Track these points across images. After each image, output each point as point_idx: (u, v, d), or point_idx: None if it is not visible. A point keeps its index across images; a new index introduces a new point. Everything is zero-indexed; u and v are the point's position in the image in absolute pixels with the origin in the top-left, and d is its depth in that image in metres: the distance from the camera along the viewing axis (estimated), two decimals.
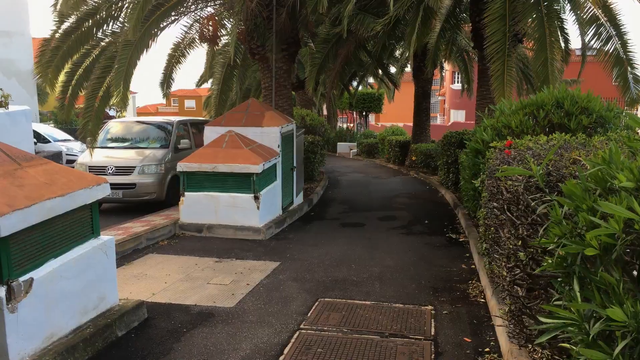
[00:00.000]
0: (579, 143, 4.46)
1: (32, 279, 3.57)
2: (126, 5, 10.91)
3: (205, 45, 14.47)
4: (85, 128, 10.56)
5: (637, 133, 4.01)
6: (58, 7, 10.55)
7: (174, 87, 14.81)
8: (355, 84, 26.42)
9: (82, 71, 11.29)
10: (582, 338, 1.92)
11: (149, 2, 9.16)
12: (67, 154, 15.77)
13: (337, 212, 10.49)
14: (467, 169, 7.72)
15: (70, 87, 11.32)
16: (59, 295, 3.86)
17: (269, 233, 8.31)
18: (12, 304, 3.37)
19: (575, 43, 56.74)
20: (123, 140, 11.36)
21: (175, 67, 13.86)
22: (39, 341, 3.64)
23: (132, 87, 10.85)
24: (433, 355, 4.08)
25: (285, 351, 4.13)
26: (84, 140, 10.88)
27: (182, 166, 8.36)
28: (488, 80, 9.97)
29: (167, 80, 14.02)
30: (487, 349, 4.16)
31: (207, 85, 21.03)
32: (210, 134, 9.13)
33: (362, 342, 4.28)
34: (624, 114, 6.68)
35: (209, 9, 12.82)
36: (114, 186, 9.18)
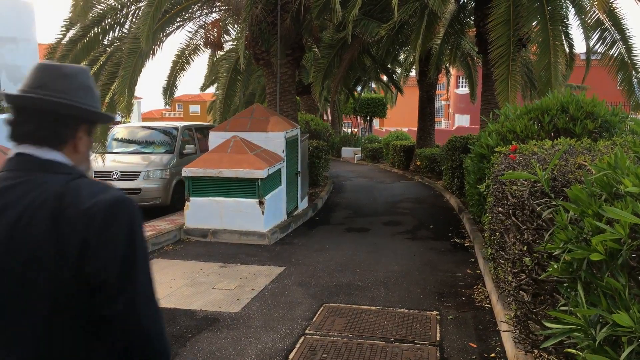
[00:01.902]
0: (584, 148, 4.45)
1: None
2: (131, 12, 10.98)
3: (209, 51, 14.55)
4: (94, 135, 10.63)
5: None
6: (69, 15, 10.62)
7: (179, 92, 14.93)
8: (359, 88, 26.47)
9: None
10: (588, 343, 1.92)
11: (158, 11, 9.20)
12: None
13: (341, 217, 10.49)
14: (471, 174, 7.71)
15: None
16: None
17: (274, 238, 8.31)
18: None
19: (580, 47, 56.55)
20: (128, 145, 11.41)
21: (179, 74, 13.91)
22: None
23: (137, 93, 10.92)
24: None
25: (291, 356, 4.14)
26: (93, 147, 10.95)
27: (187, 171, 8.39)
28: (492, 84, 9.97)
29: (170, 88, 14.05)
30: (493, 355, 4.15)
31: (212, 90, 21.12)
32: (215, 139, 9.16)
33: (367, 347, 4.28)
34: (629, 118, 6.67)
35: (214, 14, 12.89)
36: None
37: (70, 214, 1.29)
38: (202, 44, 13.30)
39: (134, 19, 10.86)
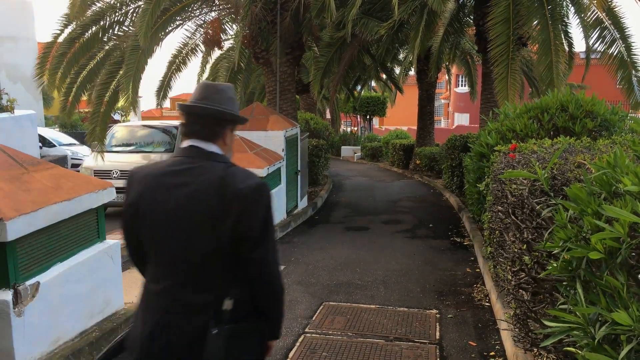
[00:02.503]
0: (583, 147, 4.46)
1: (38, 283, 3.59)
2: (131, 10, 10.97)
3: (206, 50, 14.50)
4: (93, 133, 10.62)
5: None
6: (70, 11, 10.60)
7: (179, 91, 14.85)
8: (358, 87, 26.44)
9: (85, 73, 11.34)
10: (587, 342, 1.92)
11: (157, 9, 9.19)
12: (72, 158, 15.83)
13: (341, 216, 10.49)
14: (471, 173, 7.71)
15: (73, 90, 11.37)
16: (65, 299, 3.88)
17: None
18: (18, 308, 3.39)
19: (580, 46, 56.55)
20: (128, 144, 11.40)
21: (174, 74, 13.75)
22: (45, 345, 3.66)
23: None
24: (438, 359, 4.08)
25: (291, 355, 4.14)
26: (93, 145, 10.94)
27: None
28: (492, 83, 9.97)
29: (164, 88, 13.89)
30: (492, 353, 4.15)
31: None
32: None
33: (367, 346, 4.28)
34: (628, 117, 6.67)
35: (213, 13, 12.87)
36: (119, 190, 9.19)
37: (229, 193, 1.89)
38: (200, 43, 13.28)
39: (134, 17, 10.85)
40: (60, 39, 10.87)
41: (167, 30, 11.47)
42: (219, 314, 1.94)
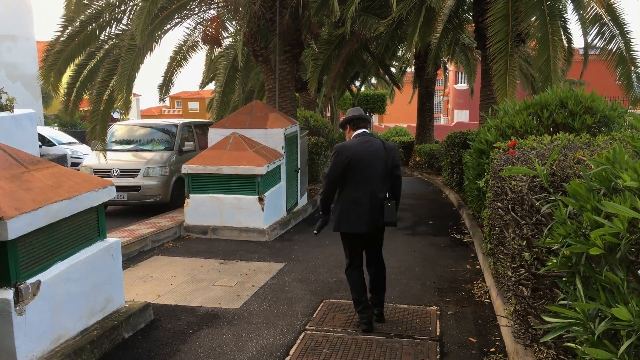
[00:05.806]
0: (583, 143, 4.46)
1: (39, 282, 3.60)
2: (129, 8, 10.95)
3: (207, 48, 14.49)
4: (94, 132, 10.61)
5: None
6: (65, 11, 10.58)
7: (178, 90, 14.91)
8: (357, 84, 26.41)
9: (86, 73, 11.33)
10: (587, 337, 1.93)
11: (154, 7, 9.17)
12: (71, 157, 15.82)
13: None
14: (471, 170, 7.72)
15: (75, 89, 11.36)
16: (66, 297, 3.89)
17: (274, 234, 8.32)
18: (20, 307, 3.40)
19: (579, 42, 56.41)
20: (128, 142, 11.40)
21: (176, 70, 13.89)
22: (46, 343, 3.67)
23: (136, 90, 10.89)
24: (438, 355, 4.09)
25: (291, 352, 4.15)
26: (93, 144, 10.93)
27: (186, 168, 8.39)
28: (491, 80, 9.97)
29: (166, 84, 13.99)
30: (493, 349, 4.16)
31: (211, 87, 21.08)
32: (215, 136, 9.16)
33: (368, 342, 4.29)
34: (628, 113, 6.67)
35: (212, 11, 12.86)
36: (119, 189, 9.19)
37: (387, 148, 4.60)
38: (200, 40, 13.28)
39: (131, 15, 10.83)
40: (62, 39, 10.84)
41: (165, 28, 11.45)
42: (386, 198, 4.50)
